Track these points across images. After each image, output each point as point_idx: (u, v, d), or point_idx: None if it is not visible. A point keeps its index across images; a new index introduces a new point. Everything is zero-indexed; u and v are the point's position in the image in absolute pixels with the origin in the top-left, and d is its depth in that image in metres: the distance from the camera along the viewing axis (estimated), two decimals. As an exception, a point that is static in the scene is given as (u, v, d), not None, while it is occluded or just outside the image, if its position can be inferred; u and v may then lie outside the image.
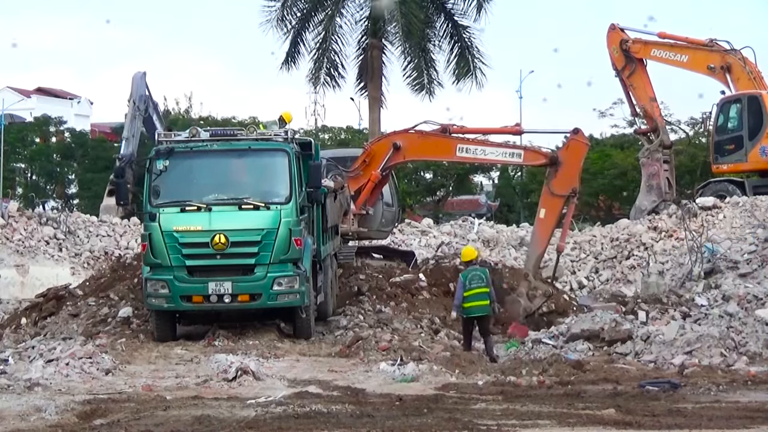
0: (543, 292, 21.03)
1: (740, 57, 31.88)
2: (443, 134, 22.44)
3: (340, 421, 11.80)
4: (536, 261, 21.56)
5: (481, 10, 38.00)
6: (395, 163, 22.92)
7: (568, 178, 21.08)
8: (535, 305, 20.80)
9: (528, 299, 20.85)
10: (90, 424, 11.85)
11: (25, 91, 74.57)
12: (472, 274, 17.40)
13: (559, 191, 21.10)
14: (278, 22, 38.71)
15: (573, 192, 21.03)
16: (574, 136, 21.32)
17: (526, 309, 20.69)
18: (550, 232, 21.43)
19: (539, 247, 21.55)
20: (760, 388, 14.01)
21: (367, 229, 23.25)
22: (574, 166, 21.18)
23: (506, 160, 22.53)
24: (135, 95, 38.42)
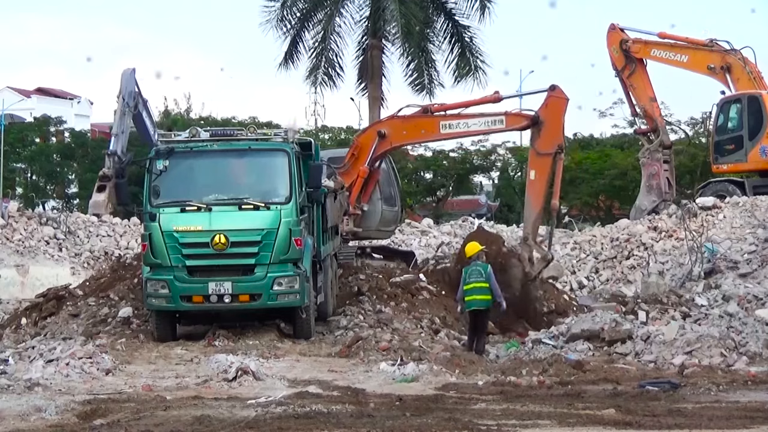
0: (542, 257, 20.75)
1: (740, 57, 31.87)
2: (425, 114, 22.47)
3: (340, 421, 11.80)
4: (533, 224, 21.20)
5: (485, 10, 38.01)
6: (383, 152, 22.68)
7: (551, 136, 20.93)
8: (535, 270, 20.56)
9: (529, 263, 20.61)
10: (90, 424, 11.85)
11: (25, 91, 74.57)
12: (471, 269, 17.64)
13: (545, 149, 20.92)
14: (278, 22, 38.75)
15: (559, 148, 20.86)
16: (551, 93, 21.26)
17: (527, 274, 20.51)
18: (543, 193, 21.19)
19: (534, 210, 21.22)
20: (760, 388, 14.01)
21: (362, 228, 23.08)
22: (556, 123, 21.02)
23: (490, 129, 22.34)
24: (124, 91, 38.26)
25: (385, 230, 24.59)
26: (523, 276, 20.51)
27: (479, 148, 54.96)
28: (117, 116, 39.00)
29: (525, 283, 20.56)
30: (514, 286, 20.44)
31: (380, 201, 23.16)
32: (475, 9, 38.17)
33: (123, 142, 37.99)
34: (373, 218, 23.11)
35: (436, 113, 22.41)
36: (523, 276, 20.51)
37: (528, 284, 20.59)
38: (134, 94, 38.32)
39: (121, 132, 38.11)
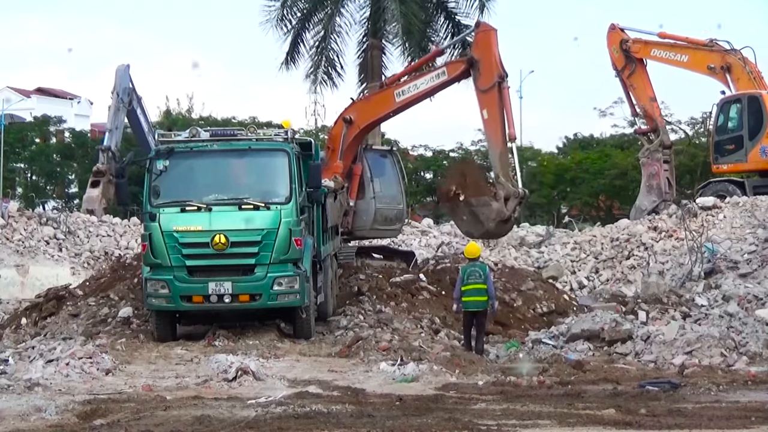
0: (513, 194, 20.49)
1: (740, 57, 31.89)
2: (381, 89, 22.91)
3: (340, 421, 11.79)
4: (501, 162, 20.97)
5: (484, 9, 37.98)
6: (354, 139, 22.64)
7: (489, 69, 20.96)
8: (509, 209, 20.35)
9: (502, 203, 20.37)
10: (90, 424, 11.85)
11: (25, 91, 74.57)
12: (470, 270, 17.66)
13: (487, 84, 20.95)
14: (278, 21, 38.72)
15: (500, 78, 20.86)
16: (478, 30, 21.65)
17: (499, 213, 20.29)
18: (500, 129, 21.03)
19: (497, 148, 21.08)
20: (760, 388, 14.01)
21: (353, 228, 22.76)
22: (489, 55, 21.10)
23: (436, 83, 22.36)
24: (118, 87, 38.16)
25: (385, 229, 24.18)
26: (497, 215, 20.28)
27: (479, 148, 54.98)
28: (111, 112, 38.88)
29: (498, 222, 20.35)
30: (488, 225, 20.26)
31: (373, 199, 22.90)
32: (475, 8, 38.15)
33: (117, 137, 37.91)
34: (365, 217, 22.89)
35: (389, 85, 22.84)
36: (497, 215, 20.28)
37: (501, 223, 20.38)
38: (128, 90, 38.21)
39: (115, 128, 38.02)
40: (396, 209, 23.70)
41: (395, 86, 22.64)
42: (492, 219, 20.19)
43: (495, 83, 20.84)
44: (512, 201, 20.32)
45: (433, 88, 22.21)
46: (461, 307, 17.79)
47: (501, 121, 20.93)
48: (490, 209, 20.19)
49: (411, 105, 22.86)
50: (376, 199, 22.87)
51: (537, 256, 29.74)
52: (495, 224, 20.27)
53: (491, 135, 21.22)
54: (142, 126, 38.97)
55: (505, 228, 20.84)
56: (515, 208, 20.38)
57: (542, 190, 53.35)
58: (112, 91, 38.31)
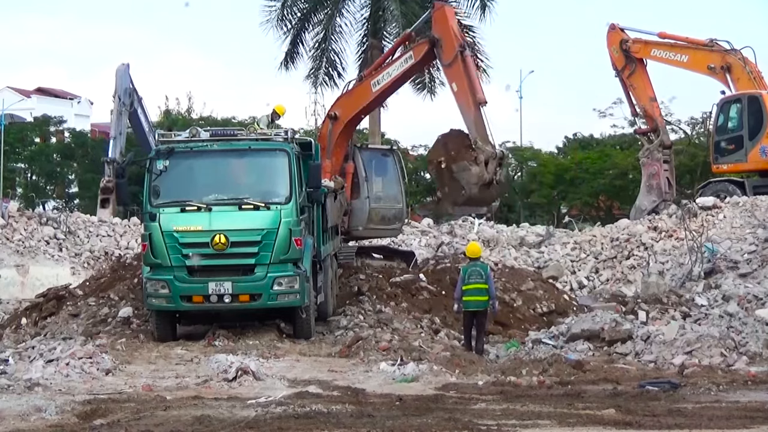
0: (491, 155, 20.33)
1: (740, 57, 31.88)
2: (360, 81, 23.07)
3: (340, 421, 11.79)
4: (476, 126, 20.89)
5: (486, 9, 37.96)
6: (341, 135, 22.71)
7: (449, 43, 21.14)
8: (489, 171, 20.20)
9: (483, 166, 20.24)
10: (90, 424, 11.84)
11: (25, 91, 74.59)
12: (471, 270, 17.63)
13: (450, 57, 21.13)
14: (278, 21, 38.71)
15: (461, 47, 21.02)
16: (434, 11, 21.95)
17: (480, 176, 20.14)
18: (470, 95, 21.03)
19: (470, 113, 21.00)
20: (760, 388, 14.01)
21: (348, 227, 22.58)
22: (447, 29, 21.33)
23: (406, 67, 22.52)
24: (119, 90, 37.89)
25: (382, 228, 24.00)
26: (477, 179, 20.18)
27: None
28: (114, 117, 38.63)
29: (481, 187, 20.25)
30: (470, 190, 20.16)
31: (367, 199, 22.78)
32: (476, 8, 38.13)
33: (121, 144, 37.79)
34: (359, 216, 22.84)
35: (367, 77, 23.03)
36: (477, 179, 20.18)
37: (484, 188, 20.28)
38: (129, 91, 38.05)
39: (119, 134, 37.83)
40: (394, 209, 23.59)
41: (371, 77, 22.87)
42: (473, 183, 20.06)
43: (457, 54, 21.01)
44: (492, 163, 20.22)
45: (404, 73, 22.43)
46: (462, 307, 17.77)
47: (470, 88, 21.02)
48: (470, 174, 20.11)
49: (388, 93, 23.13)
50: (370, 199, 22.74)
51: (537, 256, 29.73)
52: (477, 189, 20.08)
53: (463, 104, 21.26)
54: (142, 126, 38.86)
55: (489, 193, 20.57)
56: (495, 169, 20.23)
57: (542, 190, 53.37)
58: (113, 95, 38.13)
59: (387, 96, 23.14)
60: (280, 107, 22.14)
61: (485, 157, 20.25)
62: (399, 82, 22.74)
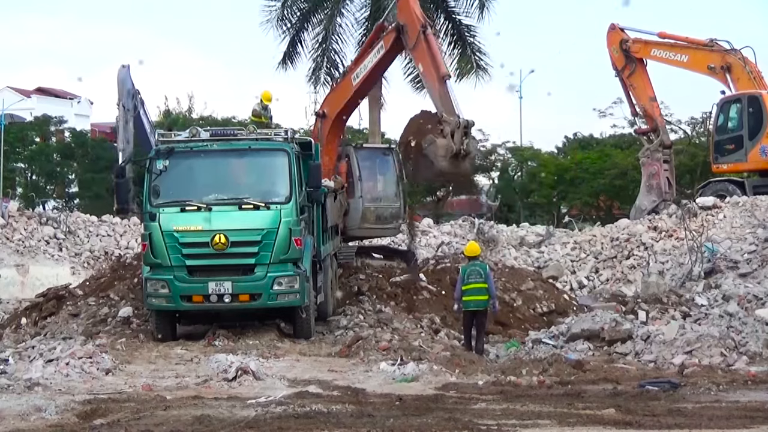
0: (455, 124, 20.01)
1: (740, 57, 31.90)
2: (343, 76, 23.44)
3: (340, 421, 11.79)
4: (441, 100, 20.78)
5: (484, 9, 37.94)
6: (330, 133, 22.81)
7: (412, 27, 21.21)
8: (456, 142, 19.88)
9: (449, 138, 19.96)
10: (90, 424, 11.84)
11: (25, 91, 74.55)
12: (471, 269, 17.63)
13: (413, 40, 21.20)
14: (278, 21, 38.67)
15: (423, 28, 21.09)
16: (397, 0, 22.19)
17: (447, 148, 19.88)
18: (434, 71, 21.05)
19: (435, 88, 20.99)
20: (760, 388, 14.00)
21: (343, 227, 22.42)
22: (410, 14, 21.45)
23: (379, 57, 22.59)
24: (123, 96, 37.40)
25: (378, 228, 23.68)
26: (445, 151, 19.94)
27: (479, 148, 54.94)
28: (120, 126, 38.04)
29: (450, 159, 20.00)
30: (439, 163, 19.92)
31: (361, 199, 22.61)
32: (474, 7, 38.10)
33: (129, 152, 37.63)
34: (353, 217, 22.62)
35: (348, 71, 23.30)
36: (445, 151, 19.94)
37: (453, 159, 20.02)
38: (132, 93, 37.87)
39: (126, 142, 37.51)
40: (391, 208, 23.50)
41: (351, 71, 23.07)
42: (441, 156, 19.87)
43: (419, 34, 21.06)
44: (457, 133, 20.02)
45: (378, 63, 22.53)
46: (462, 307, 17.76)
47: (433, 64, 21.05)
48: (437, 146, 19.96)
49: (367, 85, 23.24)
50: (363, 198, 22.66)
51: (537, 256, 29.74)
52: (447, 162, 19.84)
53: (428, 81, 21.34)
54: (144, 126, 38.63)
55: (461, 165, 20.22)
56: (462, 139, 19.98)
57: (542, 190, 53.36)
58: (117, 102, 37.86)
59: (367, 88, 23.28)
60: (265, 94, 22.24)
61: (451, 128, 20.04)
62: (375, 73, 22.87)
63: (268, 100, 22.43)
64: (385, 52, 22.27)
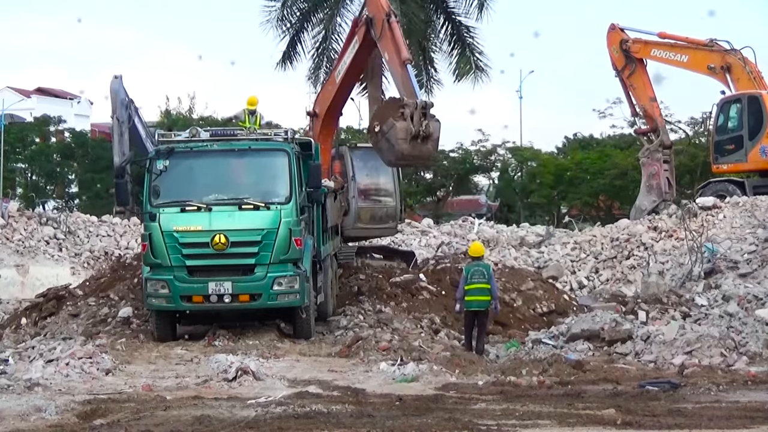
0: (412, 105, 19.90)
1: (740, 57, 31.89)
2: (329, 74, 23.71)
3: (340, 421, 11.80)
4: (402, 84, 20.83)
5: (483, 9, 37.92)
6: (322, 132, 22.88)
7: (379, 17, 21.31)
8: (415, 123, 19.74)
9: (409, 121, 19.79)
10: (90, 424, 11.85)
11: (25, 91, 74.54)
12: (474, 269, 17.60)
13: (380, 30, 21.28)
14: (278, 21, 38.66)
15: (387, 16, 21.16)
16: None
17: (407, 130, 19.74)
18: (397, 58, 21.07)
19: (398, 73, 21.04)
20: (760, 388, 14.01)
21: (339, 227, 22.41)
22: (376, 6, 21.54)
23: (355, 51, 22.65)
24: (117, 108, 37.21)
25: (374, 228, 23.63)
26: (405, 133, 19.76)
27: (479, 148, 54.95)
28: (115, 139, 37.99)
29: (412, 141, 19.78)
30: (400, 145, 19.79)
31: (354, 199, 22.63)
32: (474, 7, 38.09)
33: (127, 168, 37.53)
34: (347, 217, 22.61)
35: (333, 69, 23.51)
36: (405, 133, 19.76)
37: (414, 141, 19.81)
38: (126, 102, 37.77)
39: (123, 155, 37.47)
40: (386, 207, 23.44)
41: (335, 68, 23.31)
42: (401, 138, 19.73)
43: (383, 23, 21.15)
44: (416, 114, 19.91)
45: (355, 58, 22.67)
46: (464, 307, 17.71)
47: (395, 50, 21.08)
48: (396, 129, 19.91)
49: (349, 81, 23.28)
50: (356, 198, 22.64)
51: (537, 256, 29.73)
52: (407, 144, 19.71)
53: (392, 68, 21.41)
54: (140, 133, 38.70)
55: (423, 148, 20.03)
56: (420, 120, 19.84)
57: (542, 190, 53.35)
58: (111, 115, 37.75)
59: (349, 84, 23.40)
60: (250, 99, 22.33)
61: (410, 111, 19.95)
62: (353, 68, 22.97)
63: (253, 105, 22.45)
64: (359, 46, 22.36)
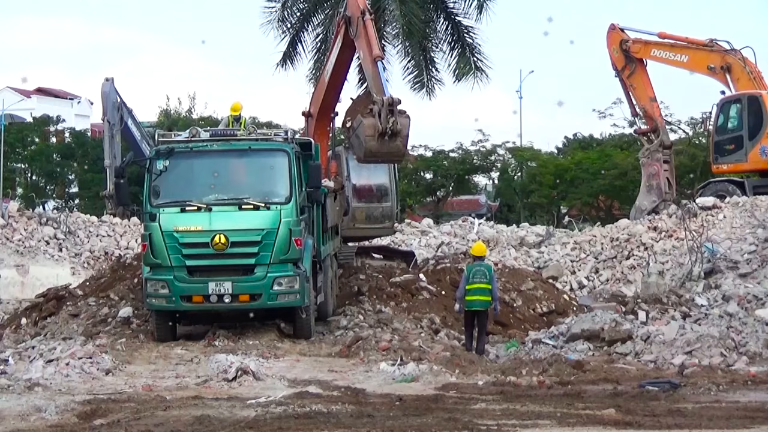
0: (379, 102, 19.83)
1: (740, 57, 31.91)
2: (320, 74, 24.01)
3: (340, 421, 11.80)
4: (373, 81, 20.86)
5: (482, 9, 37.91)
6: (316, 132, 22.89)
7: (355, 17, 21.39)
8: (382, 121, 19.65)
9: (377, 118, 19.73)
10: (90, 424, 11.85)
11: (25, 91, 74.52)
12: (475, 269, 17.57)
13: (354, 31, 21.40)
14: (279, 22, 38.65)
15: (361, 14, 21.25)
16: None
17: (374, 127, 19.69)
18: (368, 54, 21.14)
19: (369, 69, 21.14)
20: (760, 388, 14.01)
21: None
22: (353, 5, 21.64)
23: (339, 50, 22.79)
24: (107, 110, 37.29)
25: (369, 227, 23.56)
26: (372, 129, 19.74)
27: (479, 148, 54.96)
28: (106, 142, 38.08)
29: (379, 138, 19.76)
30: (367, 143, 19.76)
31: (349, 199, 22.62)
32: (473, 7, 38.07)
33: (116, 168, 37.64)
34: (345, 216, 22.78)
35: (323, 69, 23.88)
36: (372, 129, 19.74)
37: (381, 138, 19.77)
38: (118, 105, 37.77)
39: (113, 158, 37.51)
40: (381, 207, 23.39)
41: (324, 68, 23.57)
42: (369, 135, 19.71)
43: (358, 21, 21.24)
44: (383, 111, 19.84)
45: (339, 57, 22.82)
46: (464, 307, 17.70)
47: (367, 47, 21.11)
48: (364, 126, 19.88)
49: (337, 80, 23.32)
50: (352, 198, 22.61)
51: (537, 256, 29.73)
52: (375, 141, 19.67)
53: (365, 65, 21.52)
54: (134, 136, 38.78)
55: (391, 145, 19.89)
56: (387, 117, 19.74)
57: (542, 191, 53.37)
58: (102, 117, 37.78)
59: (337, 84, 23.47)
60: (234, 106, 22.43)
61: (378, 107, 19.92)
62: (339, 68, 23.07)
63: (237, 111, 22.48)
64: (341, 45, 22.46)
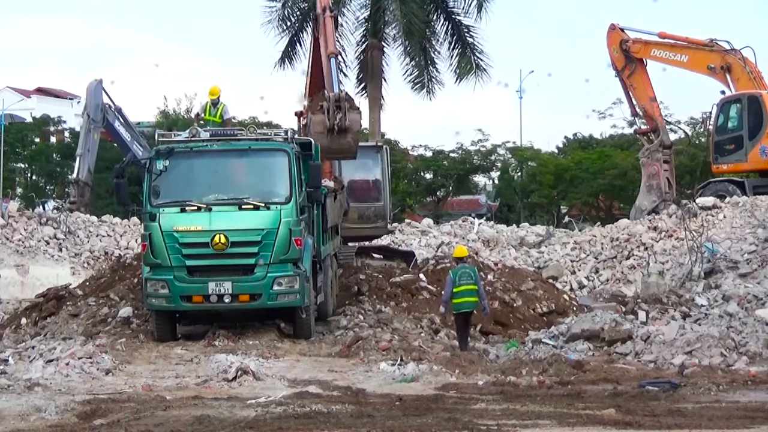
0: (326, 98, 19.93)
1: (740, 57, 31.94)
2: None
3: (340, 421, 11.79)
4: (326, 76, 21.03)
5: (482, 9, 37.94)
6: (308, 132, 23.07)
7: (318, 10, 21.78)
8: (330, 118, 19.70)
9: (325, 115, 19.81)
10: (90, 424, 11.84)
11: (25, 91, 74.58)
12: (461, 272, 17.62)
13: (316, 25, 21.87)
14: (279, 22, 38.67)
15: (322, 10, 21.53)
16: None
17: (322, 123, 19.76)
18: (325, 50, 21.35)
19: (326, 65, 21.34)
20: (760, 388, 14.00)
21: None
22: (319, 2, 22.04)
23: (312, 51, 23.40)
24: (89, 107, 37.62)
25: (362, 227, 23.56)
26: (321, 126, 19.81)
27: (479, 148, 54.97)
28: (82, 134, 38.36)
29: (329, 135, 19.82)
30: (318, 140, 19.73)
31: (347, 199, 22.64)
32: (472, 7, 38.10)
33: (89, 161, 37.74)
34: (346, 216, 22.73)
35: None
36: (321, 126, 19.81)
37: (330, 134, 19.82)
38: (101, 106, 37.92)
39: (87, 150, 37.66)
40: (373, 206, 23.37)
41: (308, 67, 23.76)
42: (318, 132, 19.73)
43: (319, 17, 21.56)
44: (331, 107, 19.81)
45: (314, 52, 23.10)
46: (451, 309, 17.74)
47: (324, 44, 21.27)
48: (314, 123, 19.91)
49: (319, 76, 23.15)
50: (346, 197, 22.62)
51: (537, 256, 29.75)
52: (325, 137, 19.71)
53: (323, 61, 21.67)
54: (122, 137, 38.89)
55: (342, 141, 19.90)
56: (335, 113, 19.74)
57: (542, 190, 53.40)
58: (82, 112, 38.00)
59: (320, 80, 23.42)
60: (212, 89, 22.39)
61: (328, 104, 19.91)
62: (316, 66, 23.07)
63: (215, 94, 22.46)
64: (314, 43, 22.78)
